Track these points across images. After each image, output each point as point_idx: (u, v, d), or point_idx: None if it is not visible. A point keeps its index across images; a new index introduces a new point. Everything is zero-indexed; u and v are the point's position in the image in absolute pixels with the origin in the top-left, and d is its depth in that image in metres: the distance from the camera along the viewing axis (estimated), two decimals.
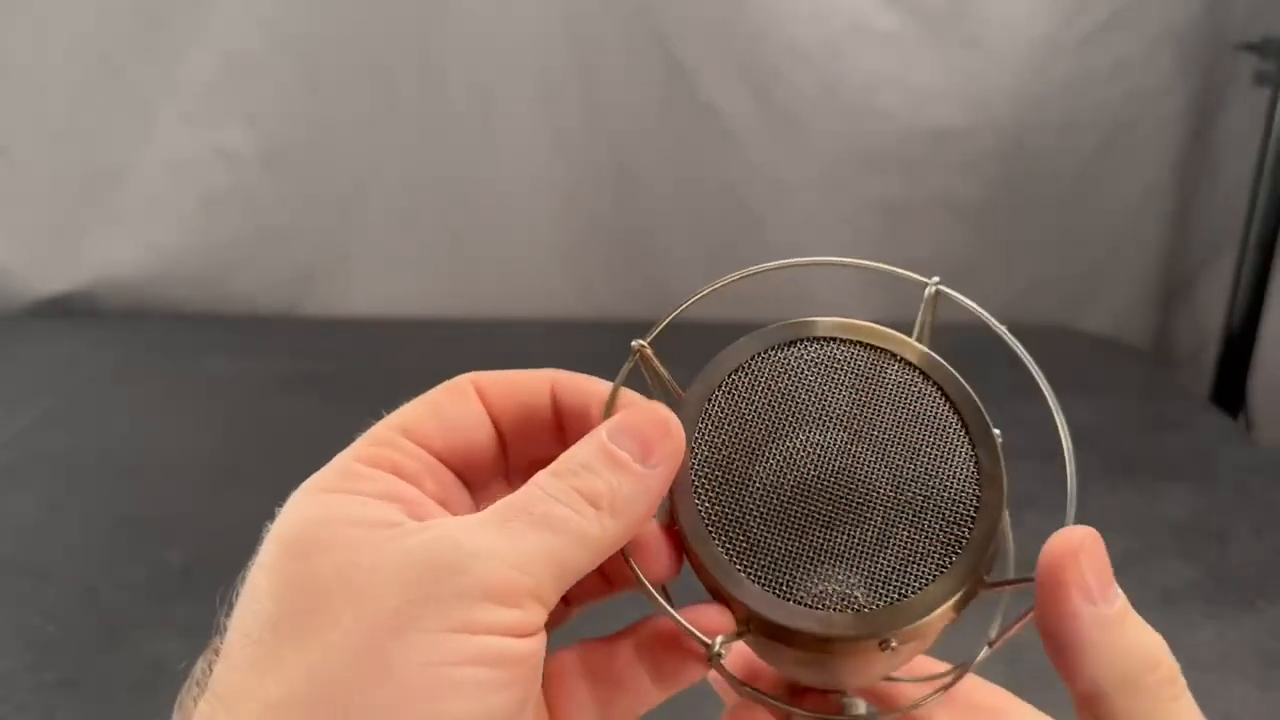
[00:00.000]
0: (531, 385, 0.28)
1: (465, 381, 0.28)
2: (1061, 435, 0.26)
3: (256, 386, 1.05)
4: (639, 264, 1.22)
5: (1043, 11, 1.11)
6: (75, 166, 1.20)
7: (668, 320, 0.28)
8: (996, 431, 0.26)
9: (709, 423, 0.27)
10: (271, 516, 0.26)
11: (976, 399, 0.27)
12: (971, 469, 0.26)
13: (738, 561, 0.26)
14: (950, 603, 0.25)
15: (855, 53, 1.13)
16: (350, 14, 1.15)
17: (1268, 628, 0.65)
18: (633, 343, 0.28)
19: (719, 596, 0.26)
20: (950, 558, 0.25)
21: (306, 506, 0.25)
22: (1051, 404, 0.26)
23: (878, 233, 1.17)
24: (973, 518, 0.26)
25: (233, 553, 0.80)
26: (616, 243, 1.23)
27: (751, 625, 0.26)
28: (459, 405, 0.28)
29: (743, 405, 0.27)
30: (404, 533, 0.23)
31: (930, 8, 1.12)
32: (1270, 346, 1.07)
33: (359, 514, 0.24)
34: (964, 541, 0.26)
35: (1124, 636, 0.23)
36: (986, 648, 0.27)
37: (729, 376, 0.27)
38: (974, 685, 0.29)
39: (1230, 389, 1.11)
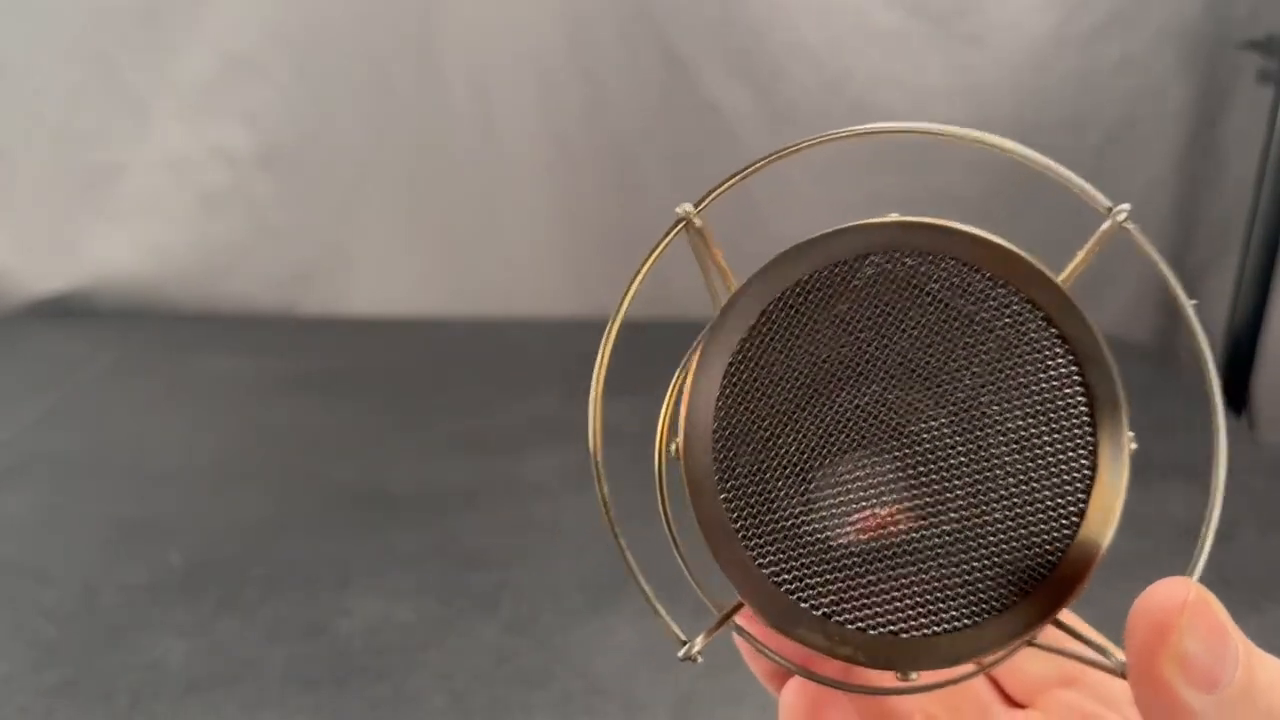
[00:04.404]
0: None
1: None
2: (1217, 467, 0.20)
3: (255, 386, 1.05)
4: (638, 263, 1.22)
5: (1044, 9, 1.11)
6: (73, 166, 1.20)
7: (726, 185, 0.22)
8: (1130, 434, 0.20)
9: (757, 341, 0.20)
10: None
11: (1120, 386, 0.20)
12: (1084, 479, 0.20)
13: (745, 530, 0.20)
14: (1001, 651, 0.20)
15: (857, 50, 1.13)
16: (349, 14, 1.15)
17: (1273, 628, 0.65)
18: (678, 208, 0.22)
19: (715, 561, 0.21)
20: (1021, 592, 0.20)
21: None
22: (1219, 424, 0.21)
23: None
24: (1066, 545, 0.20)
25: (232, 554, 0.80)
26: (616, 242, 1.23)
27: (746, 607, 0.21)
28: None
29: (805, 329, 0.20)
30: None
31: (932, 6, 1.12)
32: (1274, 346, 1.07)
33: None
34: (1045, 575, 0.20)
35: (1259, 709, 0.18)
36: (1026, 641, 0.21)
37: (798, 285, 0.20)
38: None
39: (1234, 388, 1.11)
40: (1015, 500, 0.20)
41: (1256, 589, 0.69)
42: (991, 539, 0.20)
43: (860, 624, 0.20)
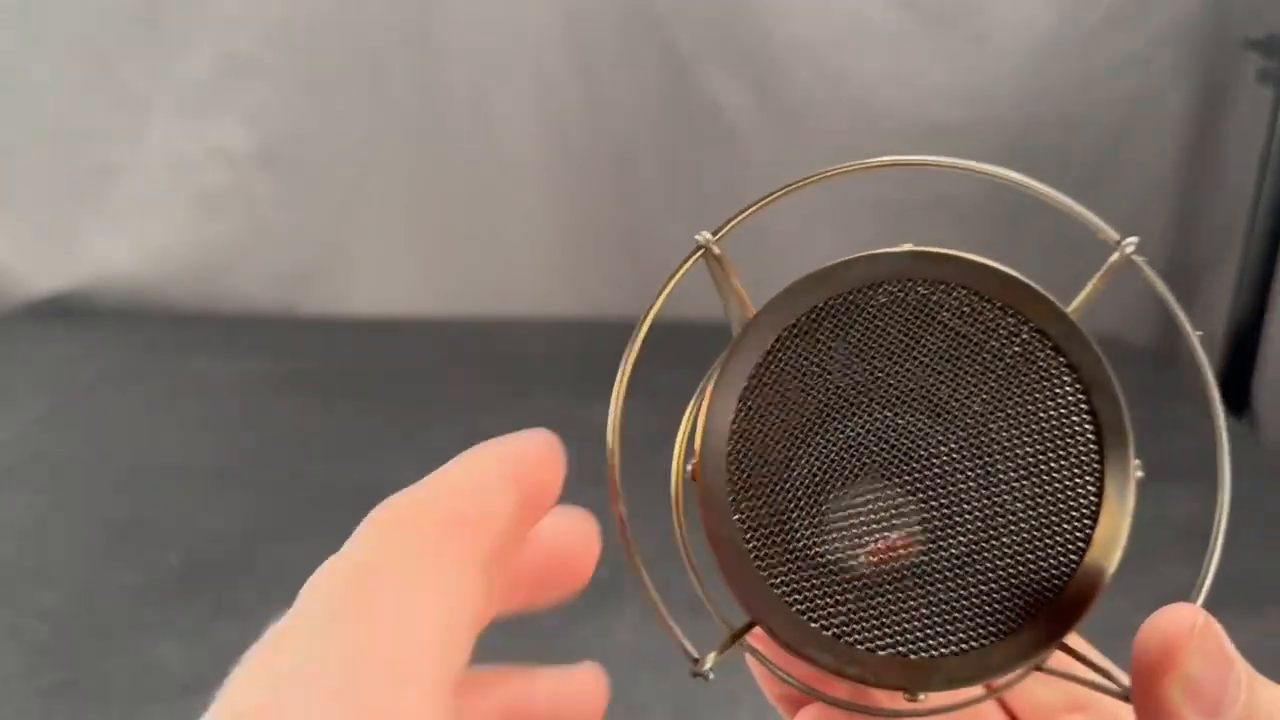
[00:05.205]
0: None
1: None
2: (1221, 485, 0.21)
3: (255, 387, 1.05)
4: (638, 264, 1.22)
5: (1045, 8, 1.11)
6: (72, 166, 1.20)
7: (744, 214, 0.23)
8: (1136, 462, 0.20)
9: (772, 365, 0.21)
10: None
11: (1127, 414, 0.20)
12: (1091, 505, 0.20)
13: (757, 551, 0.21)
14: (1012, 672, 0.20)
15: (857, 49, 1.13)
16: (348, 13, 1.15)
17: (1274, 632, 0.65)
18: (697, 235, 0.22)
19: (727, 581, 0.21)
20: (1028, 616, 0.20)
21: None
22: (1221, 439, 0.21)
23: (878, 231, 1.17)
24: (1072, 570, 0.20)
25: (231, 555, 0.80)
26: (616, 242, 1.23)
27: (758, 628, 0.21)
28: None
29: (819, 355, 0.21)
30: None
31: (933, 4, 1.12)
32: (1275, 346, 1.07)
33: None
34: (1052, 599, 0.20)
35: None
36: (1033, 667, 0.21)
37: (813, 311, 0.21)
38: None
39: (1235, 389, 1.11)
40: (1023, 525, 0.20)
41: (1257, 593, 0.69)
42: (999, 563, 0.20)
43: (869, 645, 0.20)
